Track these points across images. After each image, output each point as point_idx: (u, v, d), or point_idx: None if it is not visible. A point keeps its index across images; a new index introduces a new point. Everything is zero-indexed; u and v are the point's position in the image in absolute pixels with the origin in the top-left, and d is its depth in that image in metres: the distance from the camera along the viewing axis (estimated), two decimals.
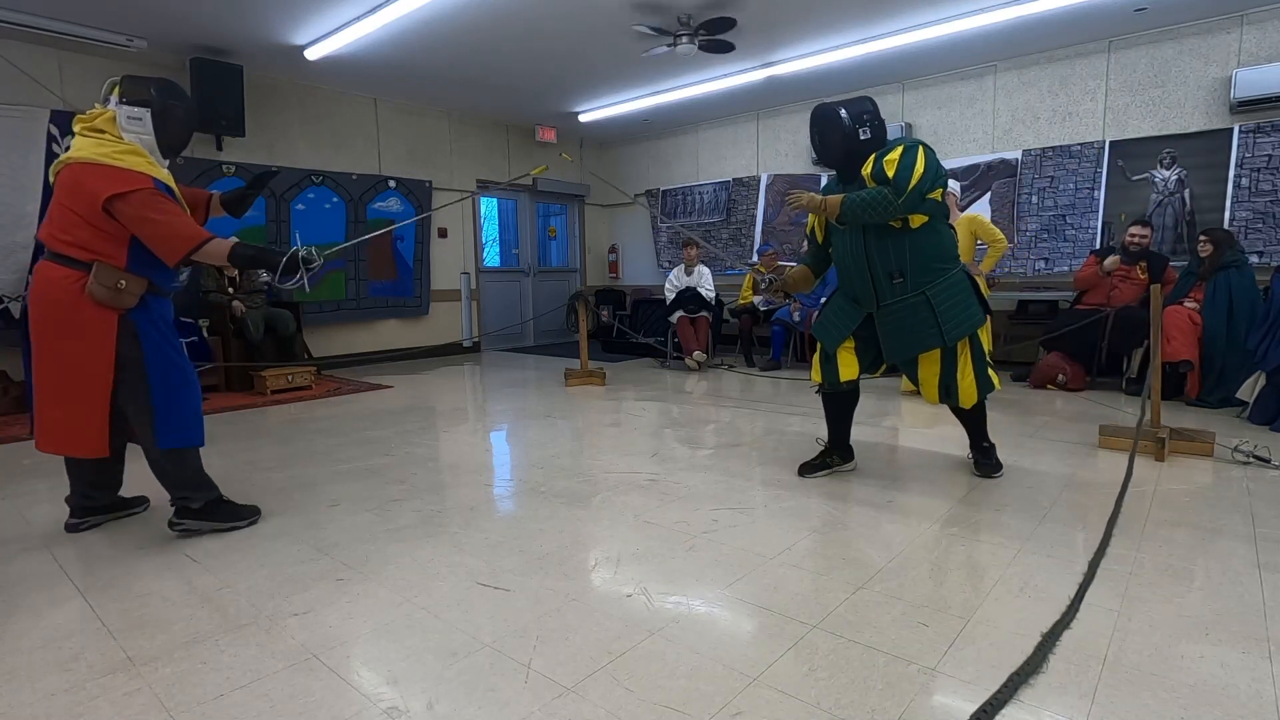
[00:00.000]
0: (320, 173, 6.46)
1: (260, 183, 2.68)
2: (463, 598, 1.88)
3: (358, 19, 4.83)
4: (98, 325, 2.18)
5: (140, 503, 2.64)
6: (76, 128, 2.25)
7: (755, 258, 7.02)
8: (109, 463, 2.42)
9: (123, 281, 2.18)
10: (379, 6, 4.63)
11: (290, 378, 5.25)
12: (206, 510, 2.39)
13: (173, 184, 2.30)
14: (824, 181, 3.14)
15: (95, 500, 2.47)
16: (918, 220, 2.56)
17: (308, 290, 2.51)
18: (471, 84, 6.48)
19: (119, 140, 2.22)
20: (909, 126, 6.51)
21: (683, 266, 6.80)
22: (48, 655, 1.62)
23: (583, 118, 7.73)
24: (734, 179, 7.86)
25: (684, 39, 5.02)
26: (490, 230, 8.66)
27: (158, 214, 2.16)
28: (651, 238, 8.82)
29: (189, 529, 2.36)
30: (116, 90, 2.25)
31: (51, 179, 2.26)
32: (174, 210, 2.23)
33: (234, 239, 2.32)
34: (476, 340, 7.98)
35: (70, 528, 2.44)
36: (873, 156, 2.57)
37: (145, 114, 2.24)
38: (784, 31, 5.28)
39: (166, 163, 2.33)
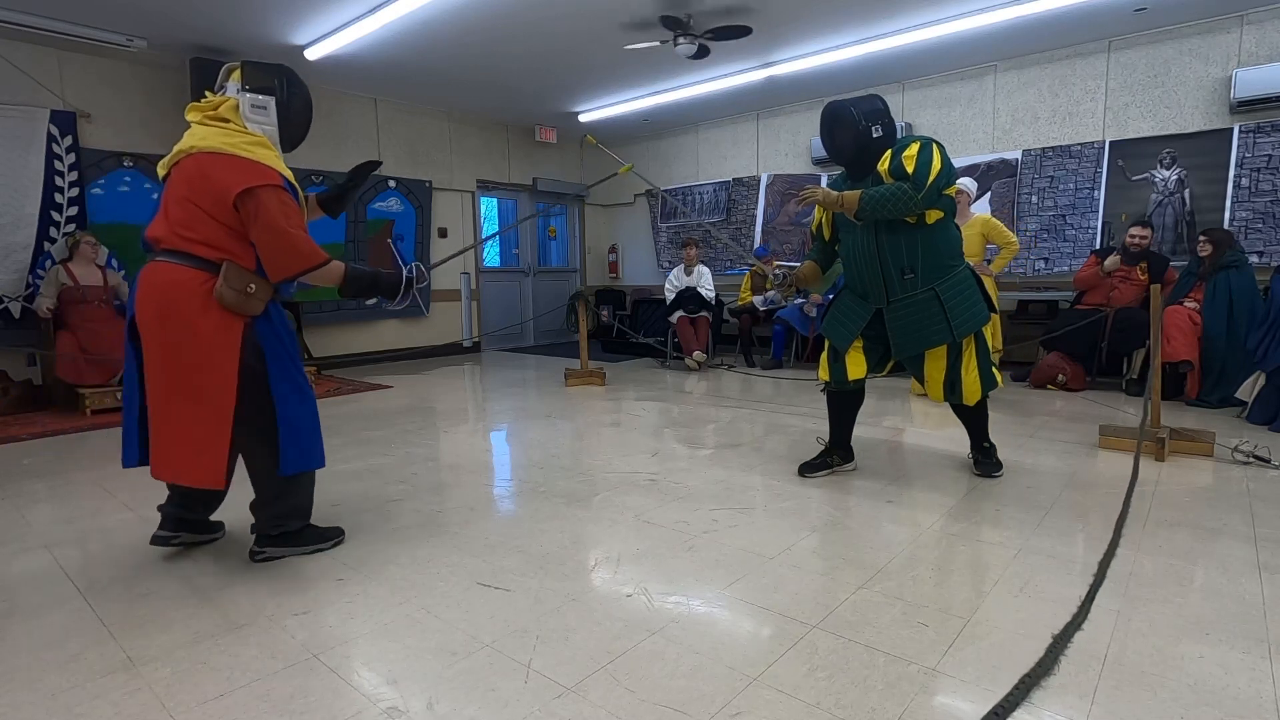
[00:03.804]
0: (320, 173, 6.46)
1: (361, 174, 2.38)
2: (463, 598, 1.87)
3: (357, 19, 4.83)
4: (223, 334, 1.93)
5: (219, 528, 2.34)
6: (194, 116, 2.04)
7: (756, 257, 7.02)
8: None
9: (253, 285, 1.95)
10: (379, 6, 4.63)
11: None
12: (293, 535, 2.15)
13: (296, 183, 2.10)
14: (824, 181, 3.14)
15: (193, 514, 2.20)
16: (933, 216, 2.58)
17: (425, 312, 2.30)
18: (471, 84, 6.48)
19: (244, 130, 2.03)
20: (909, 126, 6.51)
21: (683, 266, 6.80)
22: (48, 655, 1.62)
23: (582, 118, 7.73)
24: (734, 179, 7.86)
25: (683, 40, 5.01)
26: (490, 230, 8.65)
27: (282, 220, 1.94)
28: (651, 237, 8.82)
29: (271, 556, 2.12)
30: (238, 75, 2.06)
31: (163, 171, 2.04)
32: (299, 219, 2.01)
33: (347, 264, 2.11)
34: (476, 340, 7.98)
35: (158, 541, 2.14)
36: (889, 153, 2.59)
37: (270, 103, 2.07)
38: (785, 32, 5.27)
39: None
